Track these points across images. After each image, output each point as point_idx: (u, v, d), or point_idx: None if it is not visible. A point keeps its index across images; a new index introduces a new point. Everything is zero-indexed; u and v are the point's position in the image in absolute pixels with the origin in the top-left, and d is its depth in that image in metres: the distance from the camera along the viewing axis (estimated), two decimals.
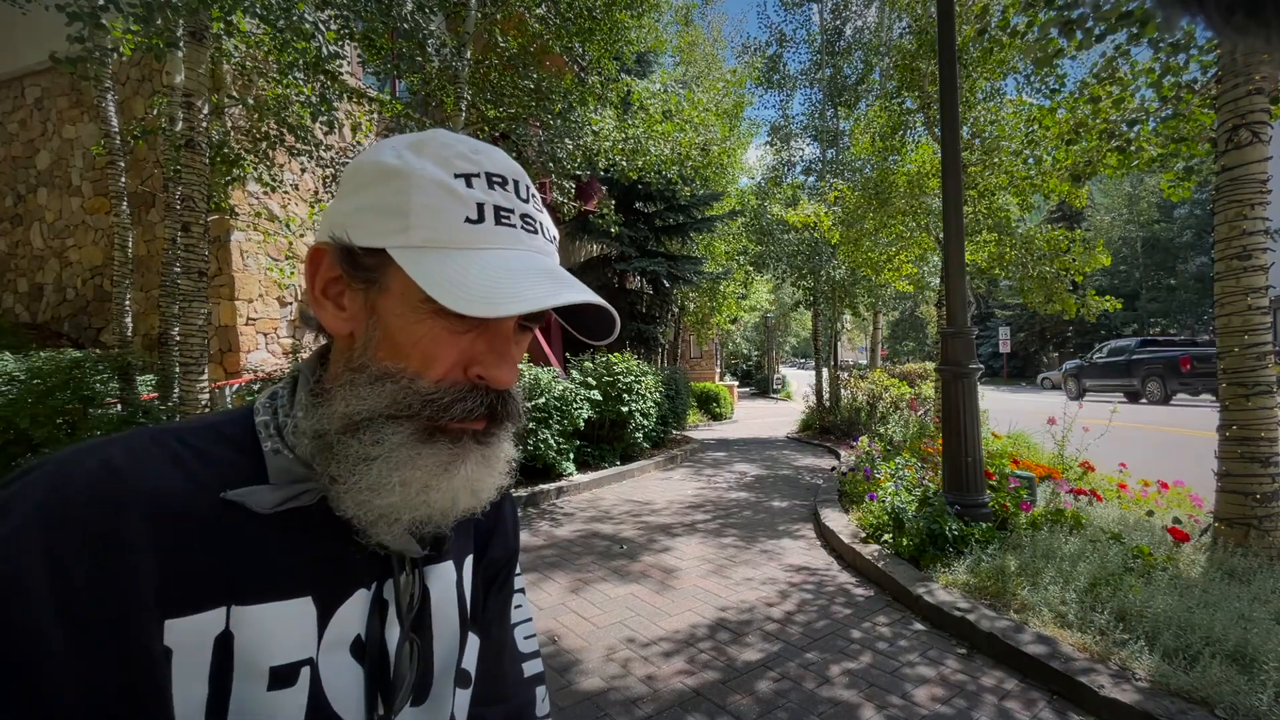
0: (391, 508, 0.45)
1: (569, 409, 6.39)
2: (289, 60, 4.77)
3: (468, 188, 0.45)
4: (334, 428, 0.45)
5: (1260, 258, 3.24)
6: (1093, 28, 3.59)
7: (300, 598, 0.45)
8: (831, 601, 3.36)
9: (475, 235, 0.45)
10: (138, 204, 7.52)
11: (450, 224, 0.44)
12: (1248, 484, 3.25)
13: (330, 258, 0.47)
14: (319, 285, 0.48)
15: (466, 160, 0.46)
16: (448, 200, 0.44)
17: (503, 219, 0.46)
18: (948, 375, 4.07)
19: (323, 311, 0.48)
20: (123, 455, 0.41)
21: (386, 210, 0.45)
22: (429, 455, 0.45)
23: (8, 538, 0.36)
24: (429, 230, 0.44)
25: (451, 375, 0.46)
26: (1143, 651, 2.38)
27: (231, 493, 0.43)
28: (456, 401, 0.46)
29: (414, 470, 0.45)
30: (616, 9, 6.46)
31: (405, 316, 0.45)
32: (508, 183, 0.47)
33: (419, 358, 0.45)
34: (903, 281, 9.78)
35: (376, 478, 0.44)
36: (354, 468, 0.44)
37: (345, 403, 0.45)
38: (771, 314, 23.57)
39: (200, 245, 4.06)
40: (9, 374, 4.93)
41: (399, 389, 0.45)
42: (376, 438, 0.44)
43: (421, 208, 0.44)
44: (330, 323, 0.48)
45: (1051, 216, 27.33)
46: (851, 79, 12.16)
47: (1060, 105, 5.28)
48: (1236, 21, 0.21)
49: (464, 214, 0.45)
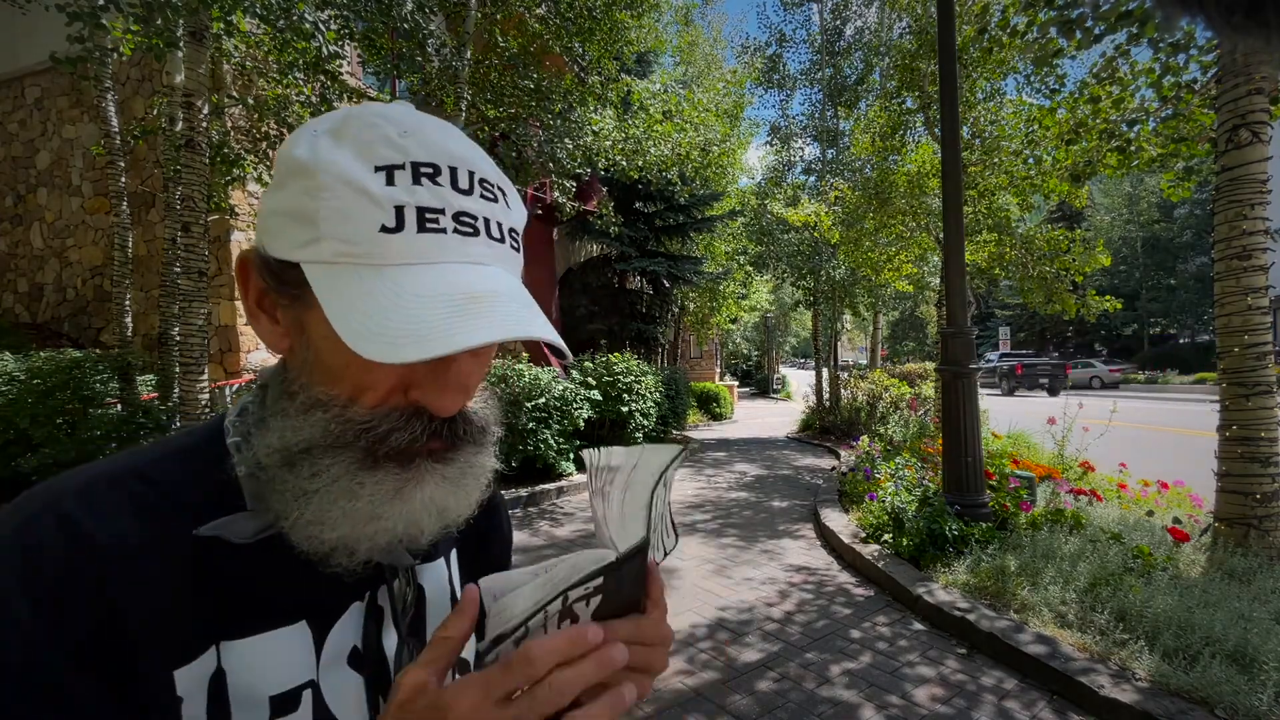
0: (343, 541, 0.41)
1: (569, 409, 6.39)
2: (289, 60, 4.78)
3: (387, 185, 0.38)
4: (272, 461, 0.41)
5: (1260, 258, 3.24)
6: (1092, 28, 3.59)
7: (293, 624, 0.44)
8: (831, 601, 3.36)
9: (390, 248, 0.38)
10: (138, 204, 7.53)
11: (362, 233, 0.38)
12: (1248, 484, 3.25)
13: (255, 269, 0.43)
14: (252, 296, 0.44)
15: (391, 146, 0.39)
16: (360, 203, 0.38)
17: (427, 224, 0.38)
18: (948, 375, 4.07)
19: (258, 325, 0.44)
20: (82, 509, 0.38)
21: (296, 216, 0.39)
22: (373, 485, 0.41)
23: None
24: (338, 242, 0.38)
25: (390, 400, 0.41)
26: (1143, 651, 2.38)
27: (205, 528, 0.40)
28: (395, 430, 0.41)
29: (355, 501, 0.40)
30: (616, 9, 6.46)
31: (331, 339, 0.38)
32: (440, 173, 0.39)
33: (350, 384, 0.41)
34: (903, 281, 9.79)
35: (316, 512, 0.40)
36: (293, 503, 0.41)
37: (279, 434, 0.41)
38: (771, 314, 23.58)
39: (200, 245, 4.06)
40: (9, 374, 4.93)
41: (330, 418, 0.40)
42: (314, 470, 0.40)
43: (330, 213, 0.38)
44: (266, 337, 0.44)
45: (1051, 216, 27.33)
46: (851, 79, 12.17)
47: (1060, 105, 5.29)
48: (1236, 21, 0.21)
49: (379, 221, 0.38)
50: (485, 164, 0.43)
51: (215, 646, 0.41)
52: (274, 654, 0.42)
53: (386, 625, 0.49)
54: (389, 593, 0.49)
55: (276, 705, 0.42)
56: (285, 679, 0.43)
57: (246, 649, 0.41)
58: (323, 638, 0.45)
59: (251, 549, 0.42)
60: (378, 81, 8.34)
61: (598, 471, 0.46)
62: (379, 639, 0.48)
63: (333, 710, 0.45)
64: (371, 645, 0.48)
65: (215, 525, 0.41)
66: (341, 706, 0.46)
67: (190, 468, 0.43)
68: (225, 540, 0.41)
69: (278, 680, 0.42)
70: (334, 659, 0.46)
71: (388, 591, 0.49)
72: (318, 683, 0.45)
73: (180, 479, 0.42)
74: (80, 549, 0.37)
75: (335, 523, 0.40)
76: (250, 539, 0.42)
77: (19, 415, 4.68)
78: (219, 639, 0.41)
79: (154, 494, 0.41)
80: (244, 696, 0.41)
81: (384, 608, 0.49)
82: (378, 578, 0.49)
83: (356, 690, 0.47)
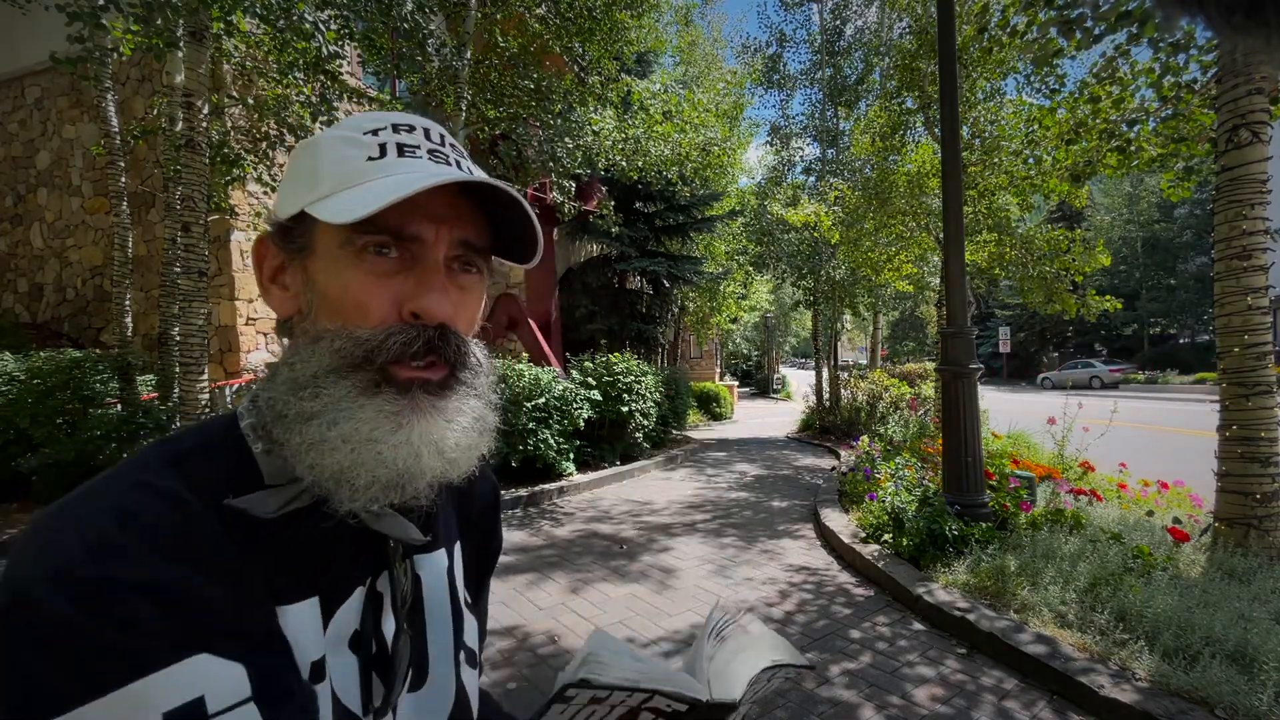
0: (341, 468, 0.43)
1: (569, 409, 6.39)
2: (289, 60, 4.77)
3: (372, 136, 0.47)
4: (278, 393, 0.45)
5: (1260, 258, 3.24)
6: (1092, 28, 3.59)
7: (309, 599, 0.46)
8: (831, 601, 3.36)
9: (377, 168, 0.45)
10: (138, 204, 7.53)
11: (353, 167, 0.45)
12: (1248, 484, 3.25)
13: (270, 244, 0.49)
14: (265, 274, 0.50)
15: (375, 121, 0.48)
16: (350, 149, 0.46)
17: (405, 153, 0.46)
18: (948, 375, 4.07)
19: (269, 297, 0.50)
20: (163, 479, 0.40)
21: (301, 176, 0.46)
22: (372, 408, 0.44)
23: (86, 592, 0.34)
24: (335, 178, 0.45)
25: (388, 319, 0.45)
26: (1143, 651, 2.39)
27: (233, 500, 0.43)
28: (392, 336, 0.44)
29: (355, 424, 0.43)
30: (616, 9, 6.46)
31: (330, 271, 0.46)
32: (415, 129, 0.48)
33: (351, 307, 0.45)
34: (903, 281, 9.79)
35: (315, 433, 0.43)
36: (293, 426, 0.44)
37: (289, 368, 0.46)
38: (771, 314, 23.58)
39: (200, 245, 4.06)
40: (9, 374, 4.93)
41: (334, 341, 0.45)
42: (315, 392, 0.44)
43: (328, 161, 0.46)
44: (276, 305, 0.50)
45: (1051, 216, 27.32)
46: (851, 79, 12.17)
47: (1060, 105, 5.29)
48: (1236, 21, 0.21)
49: (366, 154, 0.46)
50: (448, 133, 0.51)
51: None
52: (303, 625, 0.45)
53: (385, 611, 0.51)
54: (389, 578, 0.51)
55: (314, 672, 0.44)
56: (314, 649, 0.45)
57: (290, 615, 0.44)
58: (329, 617, 0.47)
59: (270, 527, 0.44)
60: (378, 81, 8.33)
61: (726, 615, 0.53)
62: (378, 624, 0.50)
63: (336, 689, 0.46)
64: (370, 629, 0.49)
65: (243, 500, 0.43)
66: (344, 687, 0.47)
67: (210, 452, 0.45)
68: (247, 520, 0.43)
69: (311, 649, 0.44)
70: (337, 639, 0.47)
71: (388, 577, 0.51)
72: (326, 660, 0.46)
73: (203, 462, 0.44)
74: (170, 508, 0.39)
75: (334, 446, 0.43)
76: (273, 514, 0.44)
77: (19, 415, 4.68)
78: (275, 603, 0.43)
79: (184, 475, 0.42)
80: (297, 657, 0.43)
81: (383, 594, 0.51)
82: (379, 565, 0.51)
83: (354, 672, 0.48)
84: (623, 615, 3.19)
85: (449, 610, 0.57)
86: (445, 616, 0.56)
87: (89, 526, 0.36)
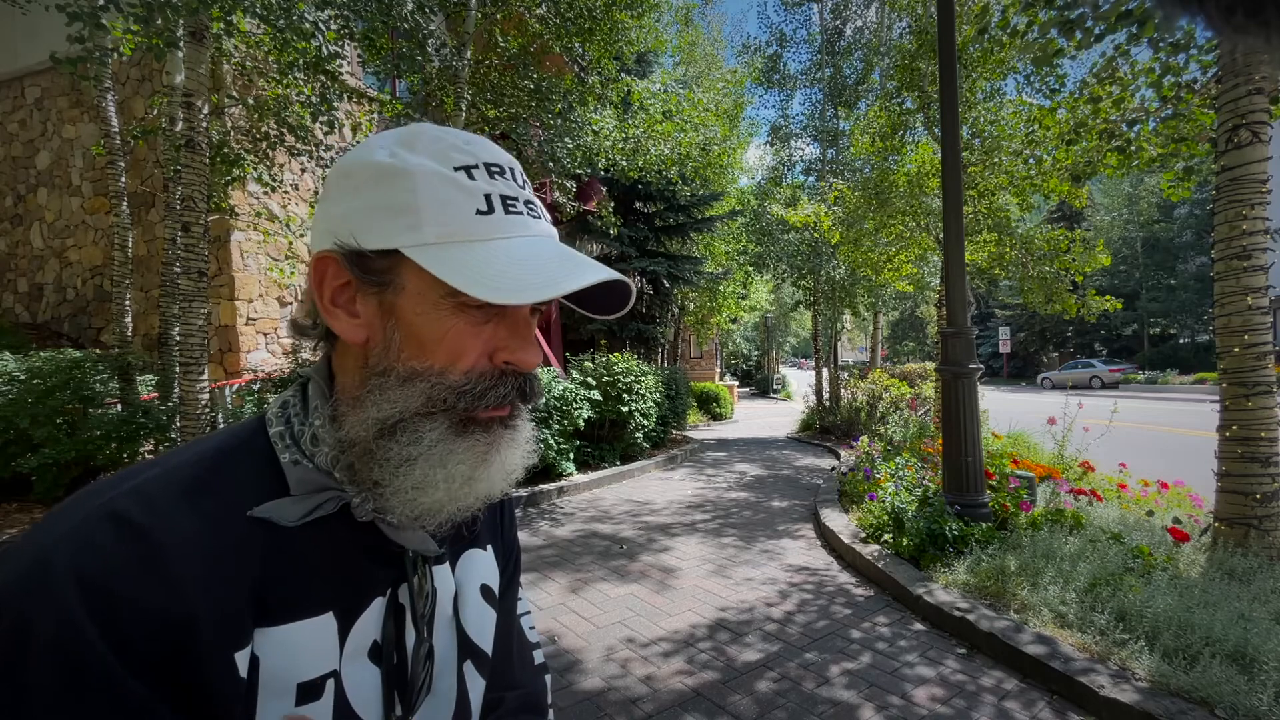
0: (437, 503, 0.46)
1: (569, 409, 6.39)
2: (289, 60, 4.77)
3: (470, 179, 0.46)
4: (369, 434, 0.45)
5: (1260, 258, 3.24)
6: (1092, 27, 3.58)
7: (322, 613, 0.46)
8: (831, 601, 3.36)
9: (488, 226, 0.45)
10: (138, 204, 7.53)
11: (462, 217, 0.45)
12: (1248, 484, 3.25)
13: (337, 264, 0.46)
14: (327, 294, 0.47)
15: (461, 152, 0.46)
16: (455, 194, 0.45)
17: (510, 207, 0.47)
18: (948, 375, 4.07)
19: (335, 320, 0.47)
20: (137, 507, 0.39)
21: (394, 209, 0.44)
22: (466, 448, 0.46)
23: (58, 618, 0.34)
24: (441, 226, 0.44)
25: (479, 366, 0.47)
26: (1143, 651, 2.38)
27: (258, 509, 0.43)
28: (490, 389, 0.47)
29: (457, 465, 0.46)
30: (616, 9, 6.45)
31: (427, 314, 0.45)
32: (505, 171, 0.48)
33: (445, 353, 0.46)
34: (903, 281, 9.78)
35: (421, 476, 0.45)
36: (397, 470, 0.45)
37: (377, 407, 0.45)
38: (771, 314, 23.58)
39: (200, 245, 4.06)
40: (9, 374, 4.93)
41: (430, 386, 0.45)
42: (415, 437, 0.45)
43: (430, 203, 0.44)
44: (344, 330, 0.47)
45: (1051, 216, 27.33)
46: (851, 79, 12.15)
47: (1060, 105, 5.29)
48: (1236, 21, 0.21)
49: (474, 206, 0.45)
50: (520, 166, 0.52)
51: (252, 633, 0.42)
52: (305, 642, 0.44)
53: (407, 623, 0.51)
54: (409, 589, 0.51)
55: (303, 692, 0.43)
56: (313, 668, 0.44)
57: (281, 636, 0.43)
58: (347, 630, 0.47)
59: (290, 540, 0.44)
60: (378, 81, 8.33)
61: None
62: (400, 635, 0.50)
63: (352, 701, 0.46)
64: (392, 641, 0.50)
65: (268, 508, 0.44)
66: (360, 698, 0.47)
67: (236, 458, 0.46)
68: (267, 531, 0.43)
69: (306, 668, 0.44)
70: (356, 651, 0.47)
71: (408, 588, 0.51)
72: (340, 673, 0.46)
73: (228, 469, 0.45)
74: (138, 543, 0.37)
75: (435, 486, 0.46)
76: (296, 523, 0.44)
77: (19, 415, 4.67)
78: (257, 625, 0.42)
79: (199, 486, 0.42)
80: (274, 683, 0.42)
81: (404, 605, 0.51)
82: (398, 576, 0.51)
83: (375, 683, 0.48)
84: (622, 615, 3.19)
85: (452, 618, 0.57)
86: (448, 625, 0.56)
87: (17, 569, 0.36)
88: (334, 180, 0.47)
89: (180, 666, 0.37)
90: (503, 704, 0.63)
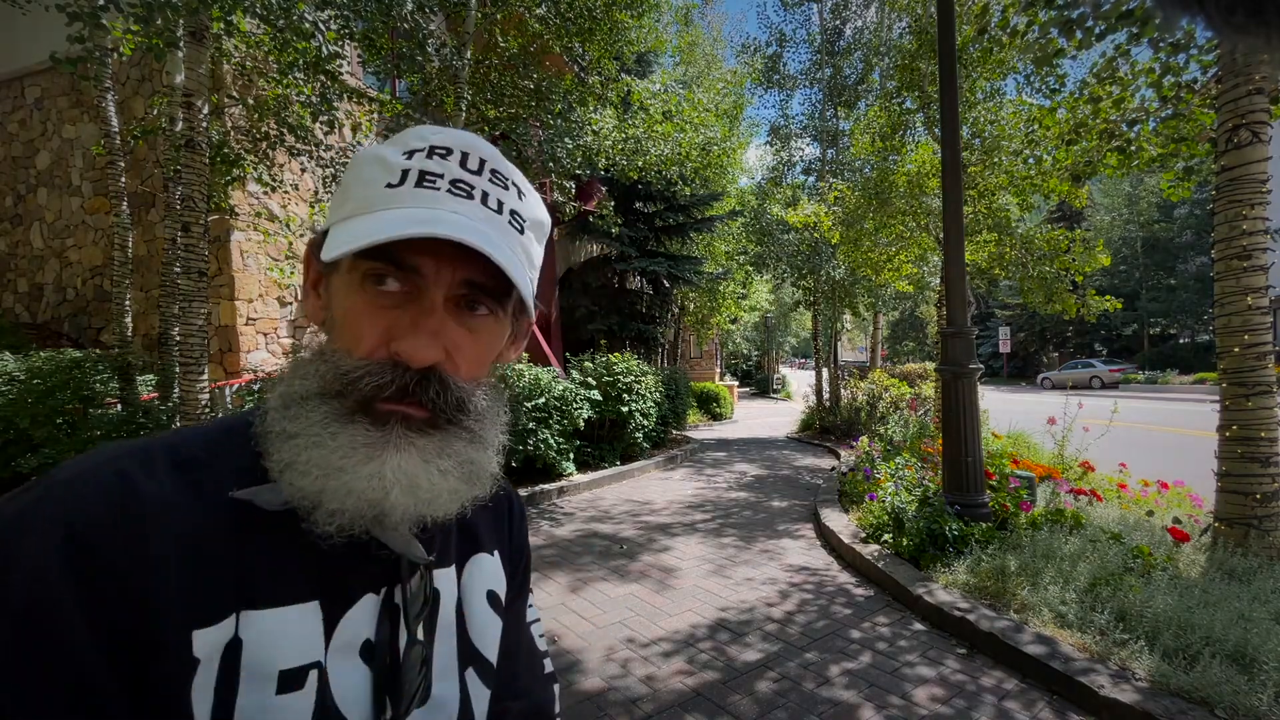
0: (318, 494, 0.43)
1: (569, 409, 6.39)
2: (289, 60, 4.77)
3: (404, 158, 0.45)
4: (272, 406, 0.46)
5: (1260, 258, 3.24)
6: (1092, 28, 3.59)
7: (308, 601, 0.45)
8: (831, 601, 3.36)
9: (389, 198, 0.44)
10: (138, 204, 7.52)
11: (372, 193, 0.45)
12: (1248, 484, 3.25)
13: (312, 251, 0.50)
14: (309, 280, 0.51)
15: (422, 140, 0.47)
16: (376, 170, 0.45)
17: (424, 182, 0.45)
18: (948, 375, 4.07)
19: (307, 303, 0.51)
20: (137, 466, 0.41)
21: (339, 192, 0.47)
22: (345, 436, 0.43)
23: (34, 555, 0.36)
24: (356, 201, 0.45)
25: (376, 353, 0.44)
26: (1143, 651, 2.38)
27: (240, 492, 0.43)
28: (369, 374, 0.43)
29: (325, 451, 0.43)
30: (616, 9, 6.45)
31: (340, 293, 0.46)
32: (452, 153, 0.46)
33: (349, 333, 0.45)
34: (903, 281, 9.78)
35: (290, 454, 0.43)
36: (275, 443, 0.44)
37: (287, 383, 0.46)
38: (771, 314, 23.58)
39: (200, 245, 4.06)
40: (9, 374, 4.93)
41: (326, 367, 0.45)
42: (296, 413, 0.44)
43: (356, 181, 0.46)
44: (309, 311, 0.51)
45: (1051, 216, 27.32)
46: (851, 79, 12.16)
47: (1060, 105, 5.28)
48: (1236, 21, 0.21)
49: (385, 180, 0.45)
50: (507, 165, 0.49)
51: (236, 615, 0.42)
52: (288, 628, 0.44)
53: (402, 624, 0.50)
54: (403, 591, 0.50)
55: (284, 681, 0.43)
56: (295, 655, 0.44)
57: (264, 620, 0.43)
58: (334, 622, 0.46)
59: (275, 523, 0.44)
60: (378, 81, 8.33)
61: None
62: (393, 637, 0.49)
63: (336, 697, 0.45)
64: (385, 642, 0.49)
65: (250, 491, 0.44)
66: (346, 696, 0.46)
67: (226, 443, 0.47)
68: (252, 513, 0.44)
69: (289, 655, 0.43)
70: (345, 646, 0.47)
71: (402, 590, 0.50)
72: (325, 666, 0.45)
73: (217, 452, 0.46)
74: (131, 497, 0.39)
75: (306, 468, 0.43)
76: (278, 507, 0.44)
77: (19, 415, 4.67)
78: (240, 608, 0.42)
79: (196, 462, 0.44)
80: (256, 668, 0.42)
81: (399, 606, 0.50)
82: (396, 575, 0.50)
83: (365, 683, 0.47)
84: (622, 615, 3.19)
85: (454, 626, 0.56)
86: (449, 633, 0.56)
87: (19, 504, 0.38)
88: None
89: (138, 632, 0.37)
90: (509, 714, 0.61)
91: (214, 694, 0.40)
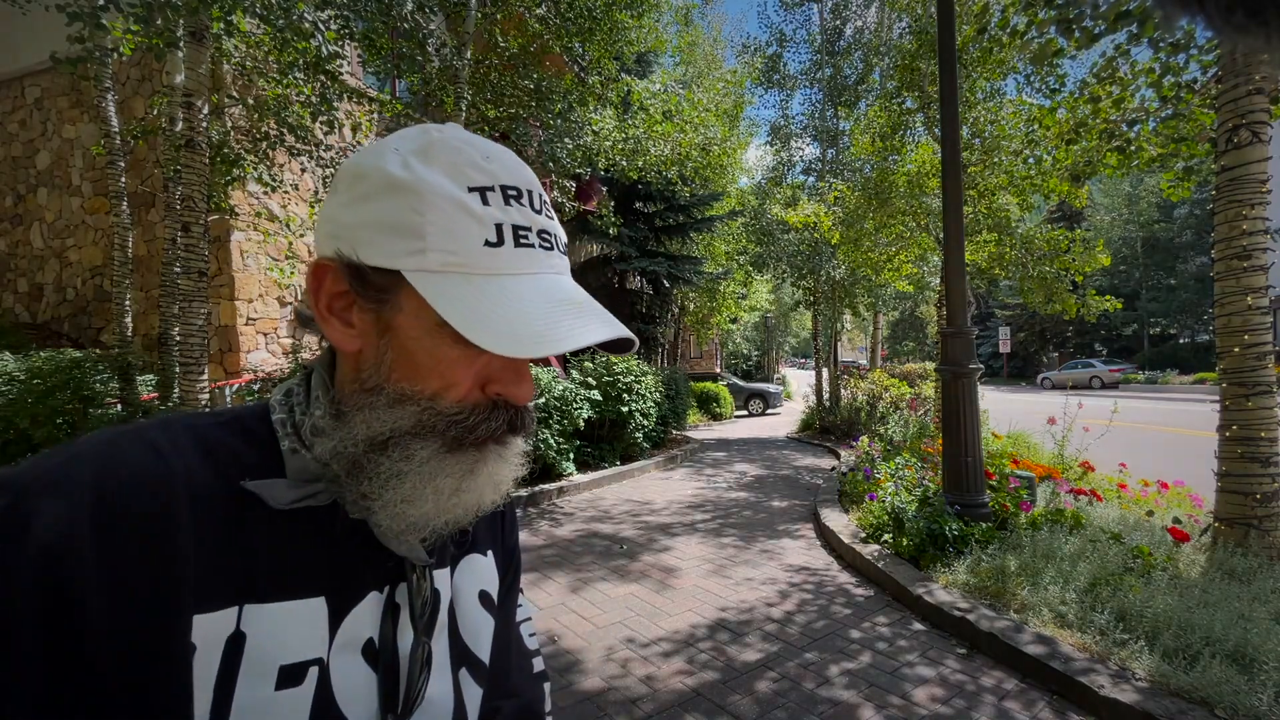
0: (424, 516, 0.46)
1: (569, 409, 6.39)
2: (289, 60, 4.77)
3: (483, 205, 0.43)
4: (359, 450, 0.45)
5: (1260, 258, 3.24)
6: (1092, 27, 3.59)
7: (313, 597, 0.46)
8: (831, 601, 3.36)
9: (495, 260, 0.43)
10: (138, 204, 7.52)
11: (469, 247, 0.43)
12: (1248, 484, 3.25)
13: (336, 273, 0.45)
14: (323, 301, 0.46)
15: (479, 170, 0.44)
16: (464, 221, 0.43)
17: (521, 239, 0.45)
18: (948, 375, 4.07)
19: (329, 328, 0.47)
20: (165, 440, 0.42)
21: (399, 229, 0.43)
22: (454, 464, 0.46)
23: (62, 515, 0.36)
24: (446, 254, 0.43)
25: (471, 396, 0.46)
26: (1143, 651, 2.38)
27: (250, 483, 0.44)
28: (481, 422, 0.47)
29: (446, 479, 0.46)
30: (616, 9, 6.46)
31: (422, 340, 0.45)
32: (523, 195, 0.46)
33: (438, 380, 0.45)
34: (903, 281, 9.80)
35: (410, 490, 0.45)
36: (386, 483, 0.45)
37: (366, 425, 0.45)
38: (771, 314, 23.58)
39: (200, 245, 4.06)
40: (9, 374, 4.93)
41: (421, 410, 0.45)
42: (406, 454, 0.45)
43: (437, 228, 0.42)
44: (337, 339, 0.47)
45: (1051, 216, 27.33)
46: (851, 79, 12.16)
47: (1060, 105, 5.28)
48: (1236, 21, 0.21)
49: (483, 236, 0.43)
50: (540, 185, 0.49)
51: (239, 608, 0.42)
52: (291, 623, 0.44)
53: (403, 624, 0.51)
54: (408, 590, 0.51)
55: (284, 676, 0.43)
56: (297, 651, 0.44)
57: (268, 614, 0.43)
58: (339, 618, 0.47)
59: (283, 518, 0.45)
60: (378, 81, 8.33)
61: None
62: (395, 636, 0.50)
63: (337, 695, 0.45)
64: (388, 641, 0.49)
65: (260, 484, 0.44)
66: (348, 694, 0.46)
67: (241, 433, 0.47)
68: (259, 505, 0.44)
69: (290, 650, 0.44)
70: (347, 644, 0.47)
71: (406, 589, 0.51)
72: (326, 663, 0.45)
73: (235, 440, 0.46)
74: (163, 468, 0.40)
75: (423, 500, 0.46)
76: (285, 506, 0.45)
77: (19, 415, 4.67)
78: (244, 600, 0.42)
79: (216, 444, 0.45)
80: (257, 662, 0.42)
81: (401, 605, 0.51)
82: (396, 574, 0.51)
83: (367, 682, 0.48)
84: (622, 615, 3.19)
85: (447, 625, 0.56)
86: (444, 632, 0.56)
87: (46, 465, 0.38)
88: (344, 180, 0.45)
89: (151, 603, 0.38)
90: (500, 713, 0.62)
91: (213, 690, 0.40)
